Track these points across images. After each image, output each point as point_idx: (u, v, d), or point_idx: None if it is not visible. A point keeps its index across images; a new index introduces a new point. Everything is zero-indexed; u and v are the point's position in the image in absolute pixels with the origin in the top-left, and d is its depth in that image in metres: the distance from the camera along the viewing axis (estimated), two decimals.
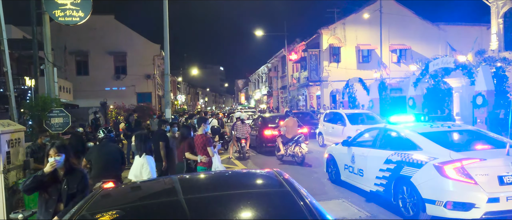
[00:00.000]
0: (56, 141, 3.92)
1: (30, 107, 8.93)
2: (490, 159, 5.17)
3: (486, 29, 27.96)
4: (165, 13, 13.09)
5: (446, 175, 5.06)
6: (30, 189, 3.49)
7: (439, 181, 5.12)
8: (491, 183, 4.92)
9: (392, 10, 28.33)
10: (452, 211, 4.97)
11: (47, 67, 9.79)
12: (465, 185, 4.94)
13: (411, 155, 5.72)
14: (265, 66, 50.61)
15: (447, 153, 5.32)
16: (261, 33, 36.67)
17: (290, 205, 2.09)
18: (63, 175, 3.57)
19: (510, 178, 4.94)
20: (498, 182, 4.92)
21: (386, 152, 6.34)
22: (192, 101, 70.81)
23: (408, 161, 5.71)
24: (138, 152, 5.51)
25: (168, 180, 3.01)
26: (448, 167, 5.09)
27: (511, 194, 4.84)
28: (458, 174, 5.00)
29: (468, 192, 4.90)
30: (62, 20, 9.59)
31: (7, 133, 5.62)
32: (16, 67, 20.24)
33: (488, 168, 5.01)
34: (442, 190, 5.08)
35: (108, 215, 2.16)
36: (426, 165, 5.36)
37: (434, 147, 5.57)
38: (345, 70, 28.33)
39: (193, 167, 6.58)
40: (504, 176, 4.94)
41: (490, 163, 5.09)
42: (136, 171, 5.14)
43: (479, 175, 4.94)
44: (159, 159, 7.73)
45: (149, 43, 30.01)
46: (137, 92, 29.40)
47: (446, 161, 5.16)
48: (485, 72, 12.25)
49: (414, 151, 5.75)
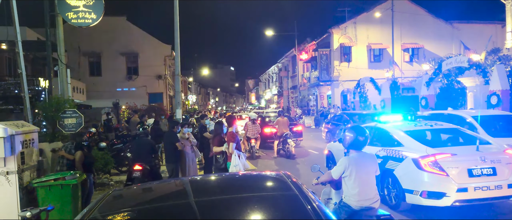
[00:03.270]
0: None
1: (44, 108, 9.08)
2: (461, 154, 5.77)
3: (501, 27, 27.41)
4: (175, 14, 13.18)
5: (422, 168, 5.69)
6: None
7: (416, 173, 5.75)
8: (461, 175, 5.53)
9: (404, 8, 27.96)
10: (427, 199, 5.63)
11: (60, 68, 9.94)
12: (437, 176, 5.57)
13: (394, 151, 6.37)
14: (275, 66, 50.55)
15: (424, 149, 5.93)
16: (271, 33, 36.68)
17: (297, 209, 2.09)
18: None
19: (478, 171, 5.55)
20: (467, 174, 5.53)
21: (375, 148, 6.80)
22: (203, 101, 71.14)
23: (392, 156, 6.34)
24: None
25: (179, 182, 3.03)
26: (424, 161, 5.70)
27: (478, 185, 5.44)
28: (432, 167, 5.63)
29: (440, 183, 5.53)
30: (75, 22, 9.73)
31: (21, 133, 5.72)
32: (30, 69, 20.64)
33: (458, 162, 5.62)
34: (418, 181, 5.71)
35: (118, 216, 2.18)
36: (406, 159, 6.00)
37: (414, 144, 6.18)
38: (356, 70, 28.09)
39: (221, 162, 6.89)
40: (473, 169, 5.55)
41: (460, 157, 5.69)
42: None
43: (450, 168, 5.58)
44: (170, 160, 7.73)
45: (160, 44, 30.26)
46: (149, 93, 29.65)
47: (422, 156, 5.77)
48: (500, 72, 12.01)
49: (397, 147, 6.39)
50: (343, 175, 3.84)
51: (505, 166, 5.68)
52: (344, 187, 3.92)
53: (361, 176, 3.78)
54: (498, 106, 11.78)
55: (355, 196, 3.77)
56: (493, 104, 11.98)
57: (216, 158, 7.30)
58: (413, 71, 27.33)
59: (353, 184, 3.77)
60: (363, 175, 3.79)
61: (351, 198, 3.81)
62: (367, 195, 3.77)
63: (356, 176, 3.76)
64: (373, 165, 3.92)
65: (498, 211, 6.13)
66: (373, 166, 3.91)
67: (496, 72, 12.03)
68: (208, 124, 11.74)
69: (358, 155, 3.86)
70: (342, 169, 3.81)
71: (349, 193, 3.83)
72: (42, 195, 5.66)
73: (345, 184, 3.88)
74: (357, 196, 3.76)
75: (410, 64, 29.38)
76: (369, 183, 3.83)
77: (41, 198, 5.67)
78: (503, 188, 5.51)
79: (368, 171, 3.84)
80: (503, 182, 5.55)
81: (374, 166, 3.92)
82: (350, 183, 3.79)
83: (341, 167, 3.83)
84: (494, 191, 5.48)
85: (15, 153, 5.53)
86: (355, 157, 3.83)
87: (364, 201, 3.76)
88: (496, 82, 11.92)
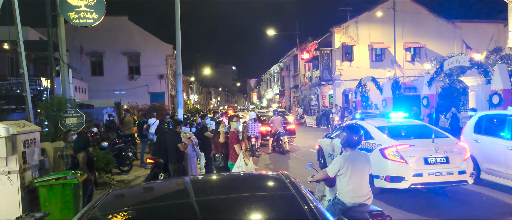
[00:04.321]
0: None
1: (46, 108, 9.11)
2: (418, 145, 6.80)
3: (503, 26, 27.32)
4: (177, 14, 13.18)
5: (386, 157, 6.70)
6: None
7: (382, 161, 6.71)
8: (417, 162, 6.50)
9: (406, 7, 27.90)
10: (389, 183, 6.61)
11: (62, 68, 9.97)
12: (398, 163, 6.58)
13: (367, 143, 7.22)
14: (277, 65, 50.53)
15: (388, 141, 6.98)
16: (273, 32, 36.65)
17: (294, 209, 2.11)
18: None
19: (433, 159, 6.53)
20: (423, 162, 6.51)
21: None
22: (205, 101, 71.20)
23: (365, 147, 7.07)
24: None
25: (178, 182, 3.04)
26: (388, 150, 6.72)
27: (432, 171, 6.44)
28: (394, 155, 6.64)
29: (400, 169, 6.54)
30: (76, 22, 9.75)
31: (23, 133, 5.75)
32: (33, 68, 20.70)
33: (416, 152, 6.61)
34: (383, 168, 6.68)
35: (117, 215, 2.20)
36: (375, 149, 6.98)
37: (382, 137, 7.26)
38: (357, 69, 28.05)
39: (220, 161, 7.19)
40: (428, 158, 6.54)
41: (418, 148, 6.70)
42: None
43: (409, 156, 6.56)
44: (173, 160, 7.69)
45: (162, 44, 30.31)
46: (151, 92, 29.70)
47: (387, 147, 6.79)
48: (502, 71, 11.97)
49: (369, 140, 7.34)
50: (338, 173, 3.95)
51: (457, 156, 6.64)
52: (338, 184, 4.04)
53: (355, 173, 3.90)
54: (500, 106, 11.75)
55: (349, 192, 3.89)
56: (495, 103, 11.95)
57: (214, 157, 7.35)
58: (414, 71, 27.26)
59: (347, 181, 3.89)
60: (357, 173, 3.91)
61: (345, 195, 3.93)
62: (360, 192, 3.91)
63: (351, 174, 3.88)
64: (367, 163, 4.05)
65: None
66: (367, 164, 4.04)
67: (498, 72, 11.99)
68: (209, 123, 11.77)
69: (352, 153, 3.99)
70: (338, 167, 3.94)
71: (343, 190, 3.94)
72: (44, 194, 5.69)
73: (339, 181, 4.00)
74: (351, 193, 3.89)
75: (411, 63, 29.31)
76: (362, 180, 3.96)
77: (43, 198, 5.70)
78: (454, 174, 6.48)
79: (362, 169, 3.96)
80: (454, 169, 6.50)
81: (368, 164, 4.05)
82: (345, 180, 3.91)
83: (336, 165, 3.95)
84: (446, 176, 6.47)
85: (17, 153, 5.56)
86: (350, 155, 3.97)
87: (357, 198, 3.90)
88: (498, 81, 11.89)
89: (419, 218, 5.96)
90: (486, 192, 7.26)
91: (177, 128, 7.98)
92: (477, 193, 7.25)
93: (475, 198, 6.99)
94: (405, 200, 6.86)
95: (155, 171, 8.01)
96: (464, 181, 6.58)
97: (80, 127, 9.35)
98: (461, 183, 6.67)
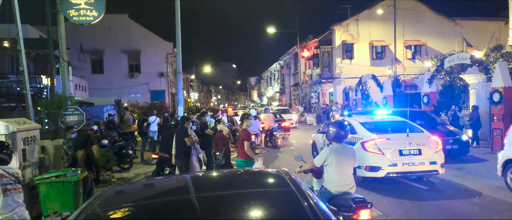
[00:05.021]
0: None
1: (46, 106, 9.11)
2: (394, 138, 7.57)
3: (504, 24, 27.27)
4: (177, 12, 13.17)
5: (366, 149, 7.47)
6: None
7: (362, 153, 7.37)
8: (393, 154, 7.30)
9: (406, 5, 27.82)
10: (369, 172, 7.42)
11: (62, 66, 9.96)
12: (376, 155, 7.37)
13: (352, 137, 7.86)
14: (277, 63, 50.50)
15: (369, 135, 7.76)
16: (273, 30, 36.61)
17: (294, 205, 2.10)
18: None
19: (407, 151, 7.33)
20: (398, 154, 7.30)
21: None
22: (205, 99, 71.18)
23: (350, 141, 7.70)
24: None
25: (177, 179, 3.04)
26: (367, 143, 7.50)
27: (405, 161, 7.24)
28: (372, 148, 7.42)
29: (377, 160, 7.34)
30: (76, 20, 9.73)
31: (23, 131, 5.75)
32: (33, 66, 20.69)
33: (392, 144, 7.38)
34: (364, 159, 7.37)
35: (115, 211, 2.19)
36: (357, 142, 7.71)
37: (364, 131, 8.03)
38: (358, 67, 28.01)
39: (220, 159, 7.30)
40: (402, 150, 7.33)
41: (393, 141, 7.47)
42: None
43: (386, 148, 7.34)
44: (180, 156, 7.66)
45: (162, 41, 30.28)
46: (151, 90, 29.71)
47: (367, 140, 7.58)
48: (503, 68, 11.94)
49: (354, 134, 7.98)
50: (325, 163, 4.30)
51: (429, 148, 7.40)
52: (325, 174, 4.37)
53: (340, 164, 4.24)
54: (501, 103, 11.73)
55: (335, 181, 4.23)
56: (495, 101, 11.93)
57: (215, 155, 7.38)
58: (415, 69, 27.22)
59: (333, 171, 4.24)
60: (342, 164, 4.25)
61: (331, 184, 4.26)
62: (345, 181, 4.26)
63: (336, 164, 4.22)
64: (352, 156, 4.39)
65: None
66: (352, 157, 4.38)
67: (498, 69, 11.96)
68: (209, 121, 11.77)
69: (339, 146, 4.33)
70: (324, 158, 4.28)
71: (330, 179, 4.28)
72: (44, 192, 5.69)
73: (326, 171, 4.33)
74: (337, 182, 4.23)
75: (412, 61, 29.27)
76: (347, 171, 4.30)
77: (43, 195, 5.71)
78: (425, 164, 7.28)
79: (347, 161, 4.30)
80: (426, 160, 7.29)
81: (353, 156, 4.40)
82: (331, 170, 4.25)
83: (323, 156, 4.30)
84: (418, 166, 7.28)
85: (17, 150, 5.56)
86: (336, 148, 4.31)
87: (342, 187, 4.24)
88: (499, 79, 11.87)
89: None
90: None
91: (185, 124, 7.94)
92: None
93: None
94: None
95: (161, 166, 8.15)
96: (435, 170, 7.38)
97: (80, 124, 9.36)
98: (432, 172, 7.45)
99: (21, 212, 3.87)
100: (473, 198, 6.93)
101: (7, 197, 3.73)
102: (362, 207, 3.94)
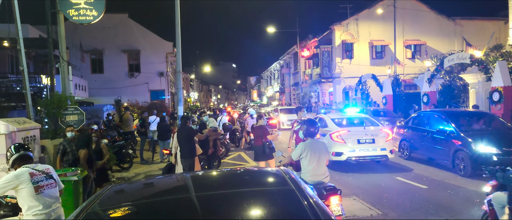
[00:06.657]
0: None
1: (46, 105, 9.12)
2: (353, 131, 9.76)
3: (504, 23, 27.25)
4: (177, 11, 13.15)
5: (332, 139, 9.60)
6: None
7: (330, 142, 9.47)
8: (353, 142, 9.50)
9: (406, 4, 27.79)
10: (334, 156, 9.40)
11: (62, 65, 9.96)
12: (339, 143, 9.56)
13: (325, 130, 9.99)
14: (277, 63, 50.47)
15: (335, 128, 9.94)
16: (273, 30, 36.56)
17: (293, 204, 2.10)
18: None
19: (364, 140, 9.55)
20: (357, 142, 9.52)
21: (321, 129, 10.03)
22: (205, 99, 71.18)
23: (323, 133, 9.78)
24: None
25: (177, 178, 3.04)
26: (334, 135, 9.65)
27: (362, 148, 9.50)
28: (337, 138, 9.60)
29: (340, 147, 9.54)
30: (76, 19, 9.72)
31: (23, 130, 5.76)
32: (33, 66, 20.70)
33: (351, 135, 9.59)
34: (331, 146, 9.34)
35: (115, 210, 2.20)
36: (327, 134, 9.76)
37: (333, 125, 10.15)
38: (358, 67, 28.00)
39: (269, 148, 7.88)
40: (360, 139, 9.55)
41: (353, 132, 9.67)
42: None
43: (347, 138, 9.54)
44: (186, 156, 7.53)
45: (162, 41, 30.26)
46: (151, 90, 29.69)
47: (334, 132, 9.74)
48: (502, 68, 11.95)
49: (325, 128, 10.14)
50: (300, 156, 4.93)
51: (381, 138, 9.63)
52: (301, 165, 4.98)
53: (313, 157, 4.86)
54: (500, 103, 11.75)
55: (310, 172, 4.85)
56: (495, 100, 11.94)
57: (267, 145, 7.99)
58: (415, 68, 27.21)
59: (308, 162, 4.86)
60: (315, 156, 4.87)
61: (307, 174, 4.89)
62: (318, 171, 4.86)
63: (310, 157, 4.85)
64: (324, 149, 5.04)
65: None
66: (323, 150, 5.02)
67: (498, 69, 11.97)
68: (208, 120, 11.79)
69: (312, 141, 5.00)
70: (300, 152, 4.92)
71: (305, 170, 4.90)
72: None
73: (302, 164, 4.95)
74: (311, 172, 4.84)
75: (412, 61, 29.26)
76: (320, 162, 4.91)
77: None
78: (377, 150, 9.54)
79: (319, 153, 4.91)
80: (378, 147, 9.53)
81: (324, 150, 5.06)
82: (306, 162, 4.88)
83: (299, 150, 4.96)
84: (371, 152, 9.54)
85: None
86: (310, 142, 4.96)
87: (316, 176, 4.84)
88: (498, 78, 11.88)
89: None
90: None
91: (187, 123, 7.89)
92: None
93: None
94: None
95: (171, 163, 8.34)
96: (385, 155, 9.63)
97: (80, 124, 9.36)
98: (383, 157, 9.68)
99: (58, 210, 3.86)
100: (473, 198, 6.93)
101: (41, 194, 3.72)
102: (332, 194, 4.52)
